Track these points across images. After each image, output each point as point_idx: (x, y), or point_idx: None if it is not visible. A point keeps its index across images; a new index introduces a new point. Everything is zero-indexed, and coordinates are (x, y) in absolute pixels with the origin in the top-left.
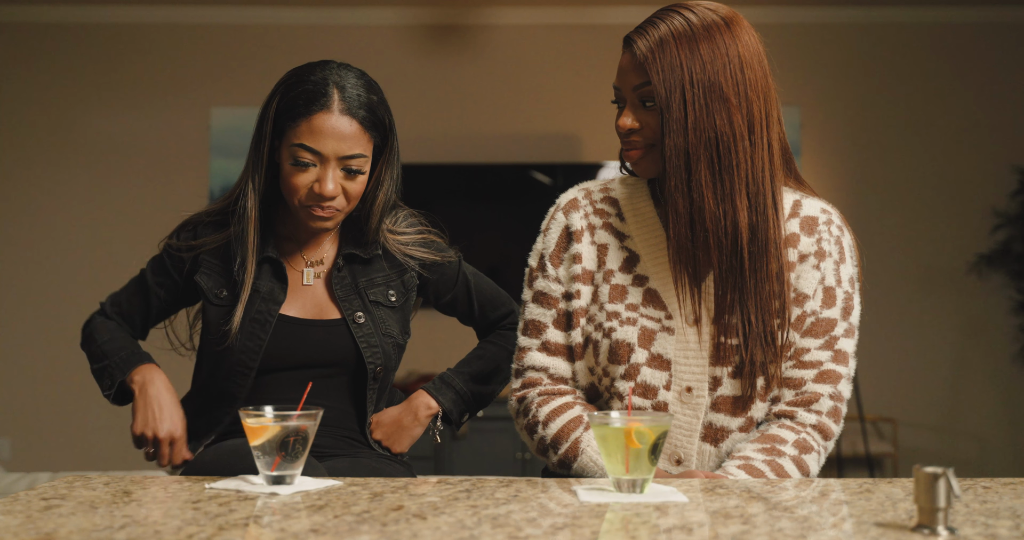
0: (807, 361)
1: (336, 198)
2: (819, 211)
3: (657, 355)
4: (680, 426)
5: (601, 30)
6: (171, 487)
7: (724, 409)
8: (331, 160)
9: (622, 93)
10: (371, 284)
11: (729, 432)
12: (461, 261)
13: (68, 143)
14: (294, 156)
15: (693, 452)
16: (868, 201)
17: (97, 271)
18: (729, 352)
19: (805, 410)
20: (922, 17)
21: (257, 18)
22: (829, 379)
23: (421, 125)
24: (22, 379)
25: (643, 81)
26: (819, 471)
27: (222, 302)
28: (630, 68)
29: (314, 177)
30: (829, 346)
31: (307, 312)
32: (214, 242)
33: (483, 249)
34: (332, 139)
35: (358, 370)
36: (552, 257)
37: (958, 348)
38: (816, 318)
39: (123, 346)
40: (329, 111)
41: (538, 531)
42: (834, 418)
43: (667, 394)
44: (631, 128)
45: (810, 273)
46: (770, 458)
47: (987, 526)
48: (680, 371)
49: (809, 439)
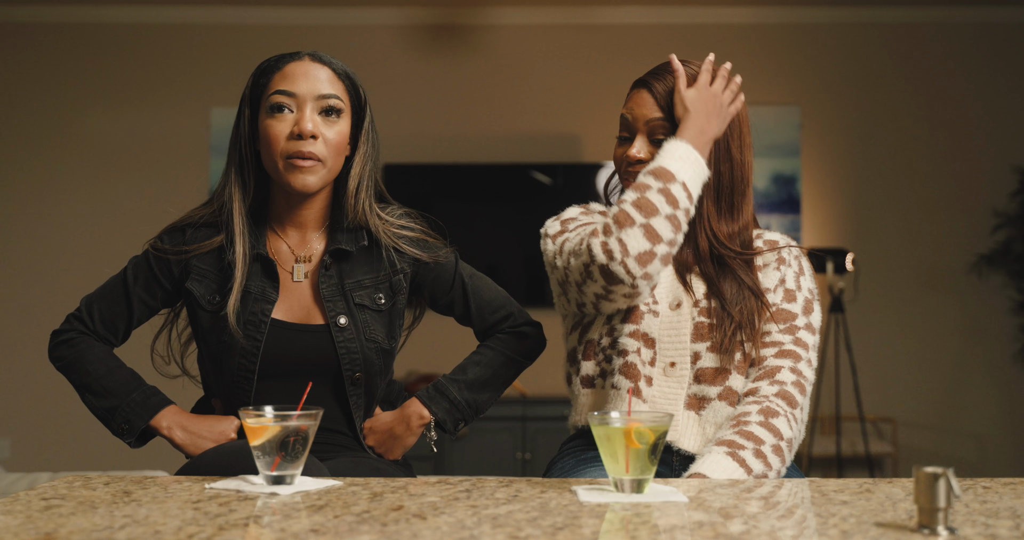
0: (768, 342)
1: (316, 141)
2: (779, 236)
3: (643, 334)
4: (666, 397)
5: (601, 30)
6: (171, 487)
7: (705, 380)
8: (307, 101)
9: (633, 124)
10: (358, 286)
11: (710, 400)
12: (458, 262)
13: (68, 143)
14: (270, 106)
15: (679, 418)
16: (868, 201)
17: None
18: (707, 330)
19: (768, 383)
20: (922, 17)
21: (257, 18)
22: (789, 356)
23: (421, 125)
24: (22, 379)
25: (658, 116)
26: (796, 436)
27: (215, 307)
28: (646, 103)
29: (291, 123)
30: (790, 332)
31: (295, 315)
32: (205, 247)
33: (483, 249)
34: (305, 80)
35: (340, 375)
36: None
37: (958, 348)
38: (777, 308)
39: (128, 382)
40: (300, 60)
41: (538, 531)
42: (797, 389)
43: (652, 369)
44: (640, 159)
45: (771, 273)
46: (738, 429)
47: (987, 526)
48: (664, 348)
49: (772, 405)
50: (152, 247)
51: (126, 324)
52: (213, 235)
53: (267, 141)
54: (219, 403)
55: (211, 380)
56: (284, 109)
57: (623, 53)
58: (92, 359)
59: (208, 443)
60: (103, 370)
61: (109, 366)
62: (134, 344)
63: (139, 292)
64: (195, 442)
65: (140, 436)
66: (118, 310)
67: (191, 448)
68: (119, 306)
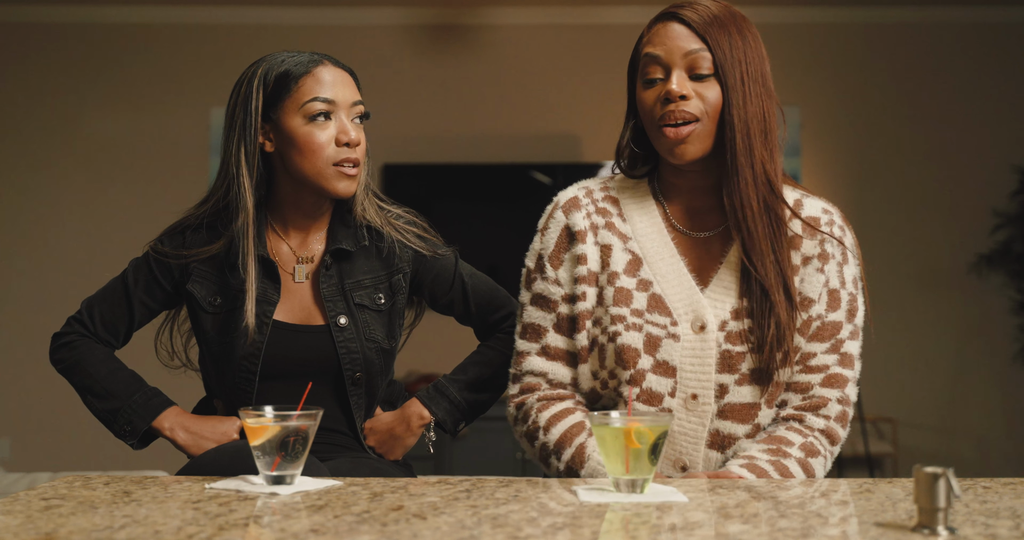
0: (814, 366)
1: (359, 147)
2: (821, 211)
3: (663, 362)
4: (685, 433)
5: (601, 30)
6: (171, 487)
7: (732, 417)
8: (343, 108)
9: (667, 59)
10: (358, 286)
11: (735, 439)
12: (457, 261)
13: (68, 143)
14: (307, 113)
15: (699, 459)
16: (868, 201)
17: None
18: (736, 360)
19: (813, 414)
20: (922, 17)
21: (257, 18)
22: (836, 383)
23: (421, 125)
24: (22, 379)
25: (698, 47)
26: (823, 476)
27: (216, 309)
28: (681, 35)
29: (333, 130)
30: (835, 349)
31: (296, 317)
32: (205, 253)
33: (483, 249)
34: (340, 86)
35: (341, 375)
36: (551, 258)
37: (958, 348)
38: (822, 322)
39: (130, 383)
40: (325, 65)
41: (538, 531)
42: (842, 423)
43: (672, 401)
44: (683, 94)
45: (814, 277)
46: (775, 459)
47: (987, 526)
48: (685, 378)
49: (816, 443)
50: (152, 250)
51: (127, 326)
52: (212, 238)
53: (310, 148)
54: (221, 403)
55: (212, 381)
56: (325, 116)
57: (623, 53)
58: (93, 361)
59: (210, 443)
60: (104, 372)
61: (110, 368)
62: (135, 345)
63: (139, 294)
64: (197, 442)
65: (142, 437)
66: (119, 312)
67: (193, 449)
68: (120, 308)
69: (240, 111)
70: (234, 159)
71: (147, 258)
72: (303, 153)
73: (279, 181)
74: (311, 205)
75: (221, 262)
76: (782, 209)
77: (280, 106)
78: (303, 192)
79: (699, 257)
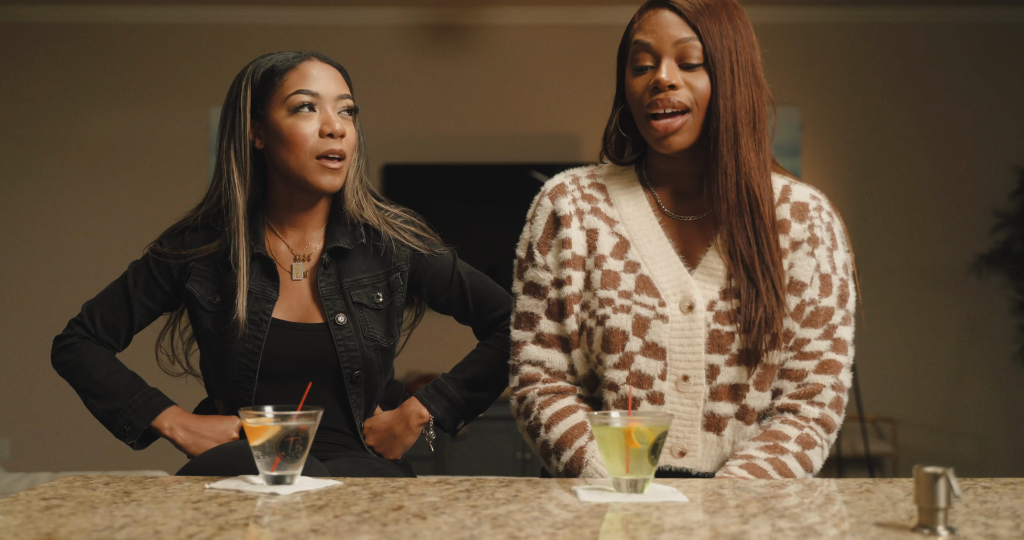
0: (807, 352)
1: (344, 140)
2: (808, 197)
3: (652, 343)
4: (679, 416)
5: (601, 30)
6: (171, 487)
7: (723, 397)
8: (328, 101)
9: (656, 47)
10: (356, 284)
11: (728, 419)
12: (456, 260)
13: (68, 143)
14: (291, 105)
15: (698, 442)
16: (868, 201)
17: (97, 271)
18: (725, 340)
19: (808, 403)
20: (922, 17)
21: (257, 18)
22: (830, 369)
23: (421, 125)
24: (22, 379)
25: (688, 36)
26: (822, 466)
27: (216, 308)
28: (672, 23)
29: (317, 122)
30: (828, 335)
31: (294, 315)
32: (203, 252)
33: (483, 249)
34: (324, 79)
35: (340, 373)
36: (540, 244)
37: (958, 348)
38: (815, 307)
39: (130, 384)
40: (311, 60)
41: (538, 531)
42: (836, 409)
43: (663, 383)
44: (672, 83)
45: (805, 261)
46: (773, 456)
47: (987, 526)
48: (675, 359)
49: (812, 434)
50: (152, 251)
51: (127, 328)
52: (210, 238)
53: (293, 140)
54: (222, 404)
55: (213, 381)
56: (309, 108)
57: None
58: (94, 363)
59: (210, 443)
60: (104, 373)
61: (110, 369)
62: (136, 347)
63: (140, 296)
64: (197, 442)
65: (142, 438)
66: (119, 314)
67: (193, 448)
68: (120, 310)
69: (230, 110)
70: (225, 156)
71: (146, 260)
72: (287, 145)
73: (272, 179)
74: (304, 202)
75: (219, 261)
76: (764, 200)
77: (267, 102)
78: (294, 189)
79: (687, 240)
